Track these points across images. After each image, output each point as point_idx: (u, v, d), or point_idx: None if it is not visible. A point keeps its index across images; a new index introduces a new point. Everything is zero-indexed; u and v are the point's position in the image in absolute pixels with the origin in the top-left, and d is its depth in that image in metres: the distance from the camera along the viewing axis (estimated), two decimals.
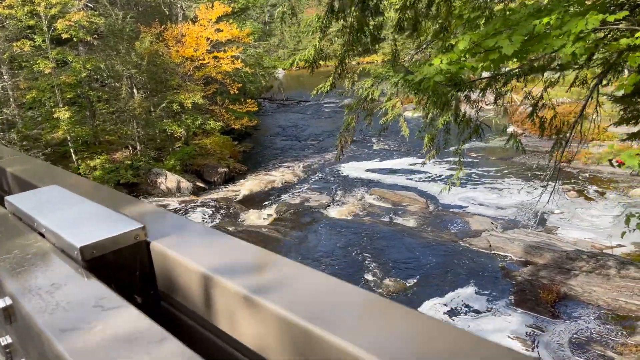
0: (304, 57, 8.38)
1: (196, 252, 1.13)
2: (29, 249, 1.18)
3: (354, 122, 8.66)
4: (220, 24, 26.36)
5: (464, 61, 4.02)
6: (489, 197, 20.56)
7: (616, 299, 10.65)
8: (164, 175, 23.43)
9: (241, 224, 18.11)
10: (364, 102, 8.15)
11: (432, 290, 12.06)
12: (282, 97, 48.81)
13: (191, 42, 25.84)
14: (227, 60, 25.98)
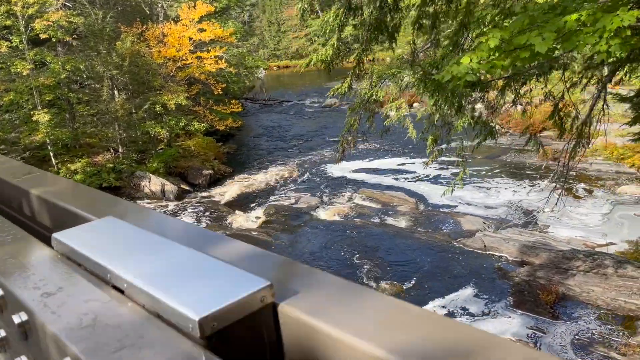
0: (321, 56, 8.03)
1: (346, 319, 0.84)
2: (108, 316, 0.87)
3: (357, 124, 8.40)
4: (203, 23, 25.90)
5: (493, 60, 3.80)
6: (477, 196, 20.51)
7: (615, 299, 10.58)
8: (148, 178, 22.93)
9: (229, 227, 17.74)
10: (366, 102, 7.89)
11: (430, 292, 11.88)
12: (264, 97, 48.41)
13: (173, 42, 25.34)
14: (211, 60, 25.54)
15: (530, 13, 4.06)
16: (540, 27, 3.88)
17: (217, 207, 20.48)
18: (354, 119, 8.50)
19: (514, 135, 27.55)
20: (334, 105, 43.77)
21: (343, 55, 8.23)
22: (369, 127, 9.00)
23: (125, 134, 24.37)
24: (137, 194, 22.45)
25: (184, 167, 25.44)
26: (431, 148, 8.83)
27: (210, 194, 22.87)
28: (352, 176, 24.27)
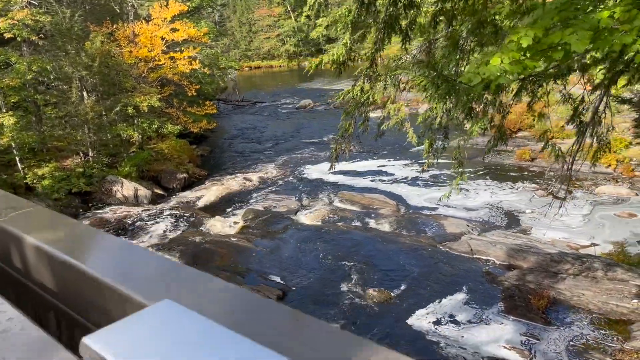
0: (332, 57, 7.58)
1: None
2: None
3: (351, 128, 8.01)
4: (175, 23, 25.20)
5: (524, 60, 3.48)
6: (456, 197, 20.30)
7: (606, 302, 10.46)
8: (120, 183, 22.14)
9: (207, 234, 17.17)
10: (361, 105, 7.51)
11: (419, 299, 11.59)
12: (237, 98, 47.74)
13: (145, 42, 24.59)
14: (184, 61, 24.86)
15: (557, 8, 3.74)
16: (572, 24, 3.57)
17: (193, 212, 19.86)
18: (349, 123, 8.10)
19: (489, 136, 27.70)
20: (308, 106, 43.43)
21: (354, 57, 7.66)
22: (363, 131, 8.58)
23: (95, 137, 23.51)
24: (109, 199, 21.67)
25: (157, 171, 24.71)
26: (428, 152, 8.48)
27: (185, 198, 22.22)
28: (329, 178, 23.89)
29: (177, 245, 15.84)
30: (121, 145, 24.73)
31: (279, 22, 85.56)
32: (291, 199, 20.81)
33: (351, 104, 7.65)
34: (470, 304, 11.20)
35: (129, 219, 19.61)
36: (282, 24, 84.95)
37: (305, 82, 65.06)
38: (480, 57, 3.69)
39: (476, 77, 3.53)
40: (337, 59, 7.19)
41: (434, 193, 21.27)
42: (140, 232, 18.41)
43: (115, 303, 1.02)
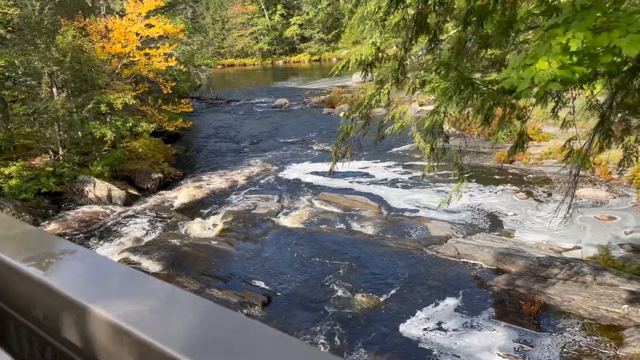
0: (360, 57, 7.18)
1: None
2: None
3: (353, 132, 7.67)
4: (151, 18, 24.49)
5: (571, 65, 3.22)
6: (436, 199, 20.26)
7: (597, 308, 10.39)
8: (92, 183, 21.38)
9: (186, 237, 16.65)
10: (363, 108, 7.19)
11: (409, 305, 11.35)
12: (211, 96, 46.96)
13: (119, 38, 23.81)
14: (160, 57, 24.17)
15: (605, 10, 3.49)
16: (617, 26, 3.32)
17: (170, 214, 19.28)
18: (350, 126, 7.75)
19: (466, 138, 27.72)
20: (284, 105, 43.01)
21: (382, 58, 7.25)
22: (363, 135, 8.25)
23: (66, 135, 22.65)
24: (81, 200, 20.88)
25: (131, 171, 23.98)
26: (428, 157, 8.21)
27: (161, 199, 21.59)
28: (309, 179, 23.58)
29: (154, 249, 15.28)
30: (93, 144, 23.91)
31: (253, 20, 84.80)
32: (271, 201, 20.41)
33: (353, 106, 7.31)
34: (461, 310, 11.01)
35: (102, 220, 18.92)
36: (256, 22, 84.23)
37: (279, 81, 64.64)
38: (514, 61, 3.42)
39: (521, 82, 3.25)
40: (365, 60, 6.78)
41: (414, 195, 21.19)
42: (114, 234, 17.76)
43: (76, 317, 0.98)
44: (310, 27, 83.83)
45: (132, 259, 15.00)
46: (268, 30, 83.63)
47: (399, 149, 27.53)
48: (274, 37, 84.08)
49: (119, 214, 19.38)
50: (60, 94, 22.58)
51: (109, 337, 0.91)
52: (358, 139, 7.97)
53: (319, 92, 48.73)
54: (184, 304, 0.96)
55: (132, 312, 0.92)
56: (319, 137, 31.32)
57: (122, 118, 22.66)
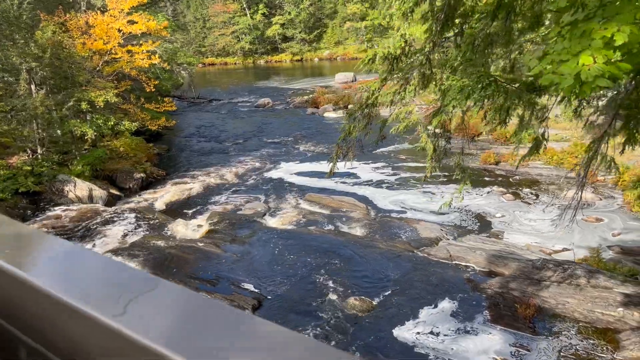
0: (386, 50, 6.88)
1: None
2: None
3: (356, 132, 7.41)
4: (134, 15, 23.96)
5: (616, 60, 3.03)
6: (422, 200, 20.19)
7: (592, 311, 10.33)
8: (73, 183, 20.80)
9: (171, 238, 16.26)
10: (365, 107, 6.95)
11: (403, 308, 11.17)
12: (192, 94, 46.33)
13: (101, 34, 23.24)
14: (143, 55, 23.66)
15: None
16: None
17: (153, 215, 18.83)
18: (352, 126, 7.48)
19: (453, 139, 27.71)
20: (267, 105, 42.66)
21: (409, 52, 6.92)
22: (365, 135, 8.01)
23: (45, 134, 22.03)
24: (61, 200, 20.30)
25: (112, 170, 23.43)
26: (431, 158, 8.01)
27: (144, 200, 21.13)
28: (294, 179, 23.31)
29: (139, 251, 14.87)
30: (73, 143, 23.30)
31: (234, 19, 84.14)
32: (257, 201, 20.10)
33: (356, 105, 7.07)
34: (456, 313, 10.87)
35: (83, 221, 18.40)
36: (238, 20, 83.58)
37: (261, 81, 64.16)
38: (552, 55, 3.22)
39: (563, 79, 3.06)
40: (392, 53, 6.49)
41: (400, 196, 21.08)
42: (96, 235, 17.28)
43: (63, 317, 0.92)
44: (292, 26, 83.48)
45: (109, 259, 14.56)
46: (250, 30, 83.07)
47: (385, 150, 27.41)
48: (256, 37, 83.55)
49: (101, 215, 18.87)
50: (39, 91, 21.95)
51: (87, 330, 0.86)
52: (359, 139, 7.71)
53: (302, 92, 48.46)
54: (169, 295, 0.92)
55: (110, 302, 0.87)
56: (303, 137, 31.06)
57: (103, 116, 22.12)
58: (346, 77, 51.90)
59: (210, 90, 53.14)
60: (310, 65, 79.31)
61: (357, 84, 48.57)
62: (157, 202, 21.02)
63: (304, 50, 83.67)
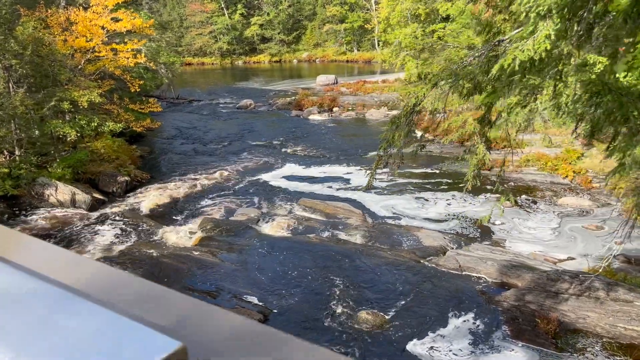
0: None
1: None
2: None
3: (401, 140, 6.86)
4: (118, 11, 23.03)
5: None
6: (414, 205, 19.83)
7: (614, 325, 10.03)
8: (54, 186, 19.81)
9: (163, 246, 15.51)
10: (410, 113, 6.42)
11: (417, 323, 10.69)
12: (172, 95, 45.24)
13: (83, 31, 22.25)
14: (128, 53, 22.74)
15: None
16: None
17: (141, 220, 18.02)
18: (397, 134, 6.90)
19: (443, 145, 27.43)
20: (249, 106, 41.92)
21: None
22: (405, 144, 7.44)
23: (23, 134, 20.95)
24: (41, 204, 19.29)
25: (95, 173, 22.45)
26: (473, 171, 7.50)
27: (129, 204, 20.24)
28: (283, 183, 22.71)
29: (130, 260, 14.08)
30: (52, 144, 22.25)
31: (212, 19, 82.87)
32: (248, 207, 19.43)
33: (402, 111, 6.54)
34: (473, 328, 10.44)
35: (67, 227, 17.51)
36: (216, 20, 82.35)
37: (240, 82, 63.24)
38: None
39: None
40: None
41: (390, 200, 20.70)
42: (81, 242, 16.42)
43: None
44: (271, 27, 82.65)
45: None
46: (228, 30, 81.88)
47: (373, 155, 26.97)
48: (234, 37, 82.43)
49: (86, 220, 17.99)
50: (18, 89, 20.86)
51: None
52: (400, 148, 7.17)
53: (284, 93, 47.82)
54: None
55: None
56: (289, 140, 30.45)
57: (86, 117, 21.14)
58: (328, 79, 51.46)
59: (189, 90, 52.01)
60: (289, 66, 78.63)
61: (338, 87, 48.23)
62: (143, 206, 20.17)
63: (283, 51, 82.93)
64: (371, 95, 41.63)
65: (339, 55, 78.44)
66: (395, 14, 41.68)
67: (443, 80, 5.73)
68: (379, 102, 38.76)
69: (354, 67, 71.11)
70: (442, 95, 5.88)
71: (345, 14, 75.65)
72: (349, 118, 36.55)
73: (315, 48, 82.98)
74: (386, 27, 44.79)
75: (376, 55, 70.18)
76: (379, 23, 47.90)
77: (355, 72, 64.81)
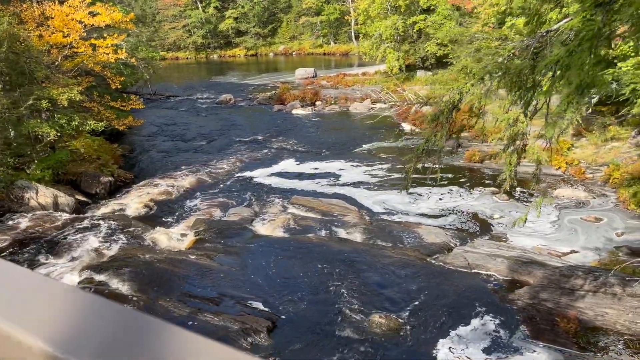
0: None
1: None
2: None
3: (443, 140, 6.38)
4: (97, 5, 22.08)
5: None
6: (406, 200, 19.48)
7: (634, 322, 9.82)
8: (34, 189, 18.92)
9: (157, 250, 14.86)
10: (451, 111, 5.97)
11: (432, 325, 10.34)
12: (148, 91, 44.12)
13: (60, 26, 21.27)
14: (108, 49, 21.83)
15: None
16: None
17: (129, 222, 17.28)
18: (440, 134, 6.39)
19: None
20: (229, 101, 41.12)
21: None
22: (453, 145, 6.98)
23: (0, 135, 19.94)
24: (21, 208, 18.39)
25: (76, 174, 21.57)
26: (511, 170, 7.09)
27: (115, 206, 19.45)
28: (273, 180, 22.16)
29: (123, 265, 13.41)
30: (30, 145, 21.26)
31: (186, 12, 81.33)
32: (240, 206, 18.86)
33: (444, 107, 6.07)
34: (492, 329, 10.13)
35: (50, 232, 16.67)
36: (189, 14, 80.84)
37: (217, 76, 62.21)
38: None
39: None
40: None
41: (382, 195, 20.36)
42: (68, 248, 15.62)
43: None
44: (246, 20, 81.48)
45: (97, 279, 13.10)
46: (202, 23, 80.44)
47: (364, 148, 26.64)
48: (208, 31, 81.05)
49: (70, 224, 17.17)
50: None
51: None
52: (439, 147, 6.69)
53: (263, 87, 47.11)
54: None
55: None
56: (274, 136, 29.84)
57: (66, 116, 20.22)
58: (307, 73, 50.85)
59: (165, 85, 50.82)
60: (266, 60, 77.67)
61: (319, 80, 47.65)
62: (129, 208, 19.42)
63: (259, 45, 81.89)
64: (352, 88, 41.17)
65: (316, 48, 77.76)
66: (375, 6, 41.28)
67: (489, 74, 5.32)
68: (363, 95, 38.30)
69: (331, 60, 70.54)
70: (488, 90, 5.46)
71: (322, 6, 74.94)
72: (333, 112, 36.06)
73: (291, 41, 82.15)
74: (366, 19, 44.39)
75: (354, 48, 69.81)
76: (359, 15, 47.32)
77: (332, 65, 64.26)
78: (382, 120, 30.84)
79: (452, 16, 37.90)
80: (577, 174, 20.03)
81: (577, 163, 20.73)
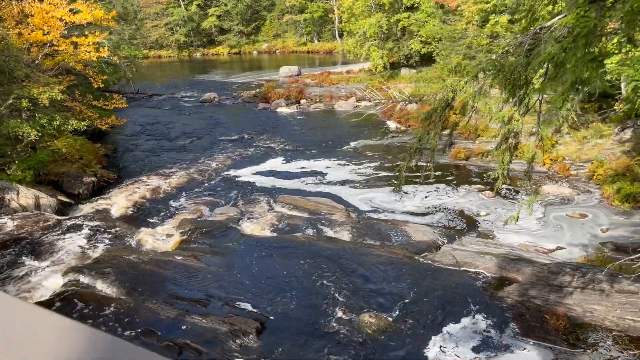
0: None
1: None
2: None
3: (436, 138, 6.32)
4: (78, 2, 21.69)
5: None
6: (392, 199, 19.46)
7: (622, 318, 9.88)
8: (15, 190, 18.52)
9: (142, 251, 14.64)
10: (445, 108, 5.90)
11: (422, 324, 10.30)
12: (131, 89, 43.62)
13: (39, 24, 20.87)
14: (90, 47, 21.46)
15: None
16: None
17: (113, 223, 17.00)
18: (433, 132, 6.34)
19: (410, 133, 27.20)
20: (213, 100, 40.83)
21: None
22: (445, 144, 6.92)
23: None
24: (2, 210, 17.99)
25: (58, 174, 21.21)
26: (503, 169, 7.06)
27: (98, 206, 19.16)
28: (258, 179, 22.01)
29: (107, 267, 13.18)
30: (10, 145, 20.84)
31: (168, 10, 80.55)
32: (226, 205, 18.68)
33: (437, 105, 6.00)
34: (481, 327, 10.12)
35: (32, 233, 16.33)
36: (172, 12, 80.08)
37: (200, 74, 61.72)
38: None
39: None
40: None
41: (368, 194, 20.34)
42: (51, 250, 15.31)
43: None
44: (229, 18, 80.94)
45: (82, 281, 12.84)
46: (184, 21, 79.75)
47: (348, 147, 26.56)
48: (191, 29, 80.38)
49: (53, 225, 16.84)
50: None
51: None
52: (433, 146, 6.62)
53: (247, 85, 46.82)
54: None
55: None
56: (259, 134, 29.66)
57: (47, 115, 19.85)
58: (291, 71, 50.65)
59: (148, 84, 50.27)
60: (249, 58, 77.20)
61: (303, 78, 47.50)
62: (113, 208, 19.14)
63: (242, 43, 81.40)
64: (337, 86, 41.11)
65: (299, 46, 77.52)
66: (359, 4, 41.23)
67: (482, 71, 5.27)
68: (347, 93, 38.22)
69: (315, 57, 70.37)
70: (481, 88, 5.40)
71: (305, 4, 74.69)
72: (318, 110, 35.95)
73: (275, 39, 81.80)
74: (350, 17, 44.32)
75: (338, 46, 69.74)
76: (342, 13, 47.25)
77: (316, 63, 64.13)
78: (368, 118, 30.85)
79: (436, 14, 37.98)
80: (562, 171, 20.19)
81: (561, 160, 20.88)
